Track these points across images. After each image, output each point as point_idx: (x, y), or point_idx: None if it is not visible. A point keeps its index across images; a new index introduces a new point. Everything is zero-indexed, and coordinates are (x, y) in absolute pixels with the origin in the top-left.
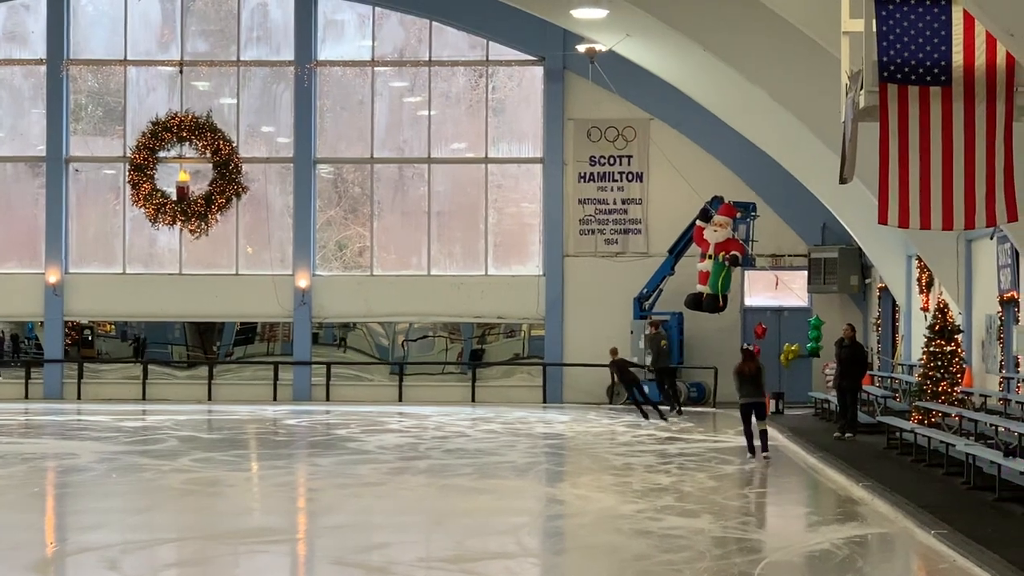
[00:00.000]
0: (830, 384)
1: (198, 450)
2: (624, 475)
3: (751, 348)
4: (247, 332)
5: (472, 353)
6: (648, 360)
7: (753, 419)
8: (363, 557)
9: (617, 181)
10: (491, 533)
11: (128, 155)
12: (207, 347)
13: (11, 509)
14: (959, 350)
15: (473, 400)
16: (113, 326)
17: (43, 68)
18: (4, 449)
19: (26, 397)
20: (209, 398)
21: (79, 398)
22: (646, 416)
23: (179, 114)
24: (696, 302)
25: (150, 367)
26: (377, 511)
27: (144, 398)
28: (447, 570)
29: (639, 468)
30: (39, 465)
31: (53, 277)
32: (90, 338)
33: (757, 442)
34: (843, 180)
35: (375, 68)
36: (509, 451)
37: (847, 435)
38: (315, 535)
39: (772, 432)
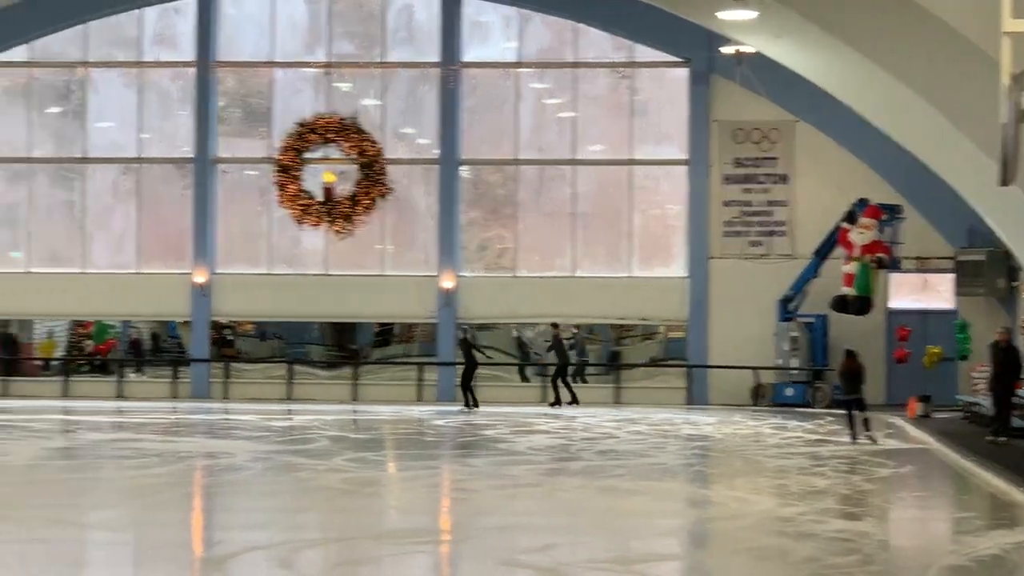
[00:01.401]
0: (978, 387)
1: (350, 450)
2: (778, 477)
3: (853, 350)
4: (385, 333)
5: (611, 355)
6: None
7: (855, 411)
8: (531, 558)
9: (762, 183)
10: (654, 535)
11: (273, 156)
12: (345, 347)
13: (172, 507)
14: None
15: (616, 402)
16: (253, 325)
17: (191, 71)
18: (160, 448)
19: (173, 396)
20: (354, 398)
21: (225, 397)
22: None
23: (325, 115)
24: (841, 304)
25: (292, 367)
26: (537, 512)
27: (289, 398)
28: (616, 571)
29: (792, 470)
30: (195, 464)
31: (200, 277)
32: (230, 338)
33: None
34: (1004, 183)
35: (519, 70)
36: (659, 453)
37: (1000, 439)
38: (478, 535)
39: (921, 435)
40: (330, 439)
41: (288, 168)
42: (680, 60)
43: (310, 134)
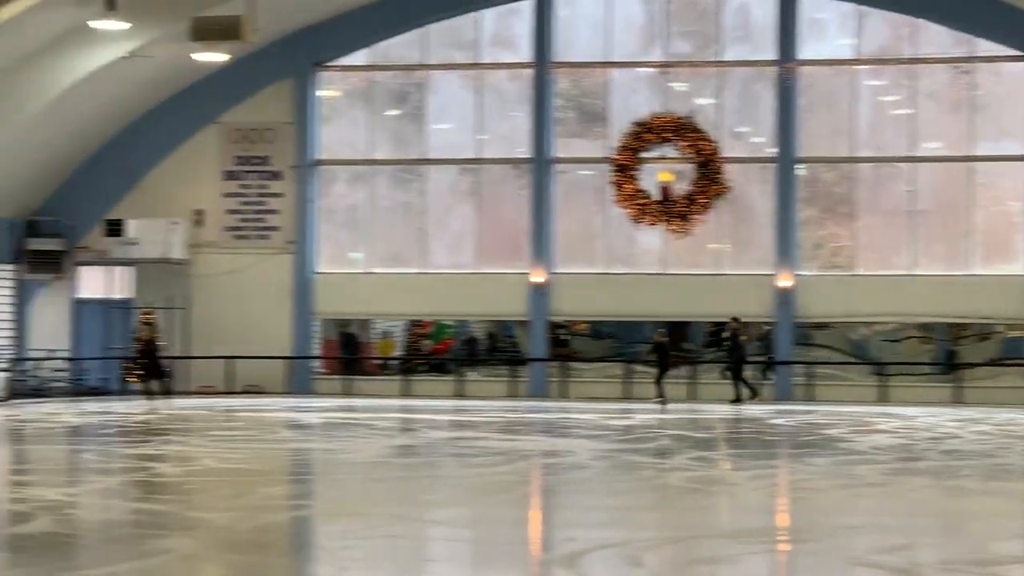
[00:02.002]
0: None
1: (692, 448)
2: None
3: None
4: (717, 333)
5: (947, 354)
6: None
7: None
8: (882, 558)
9: None
10: (1012, 537)
11: (610, 156)
12: (678, 347)
13: (517, 505)
14: None
15: (955, 401)
16: (587, 325)
17: (528, 72)
18: (501, 446)
19: (511, 395)
20: (690, 398)
21: (562, 396)
22: None
23: (661, 115)
24: None
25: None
26: (885, 512)
27: (627, 397)
28: (975, 574)
29: None
30: (537, 462)
31: (538, 277)
32: (564, 337)
33: None
34: None
35: (857, 67)
36: (1007, 453)
37: None
38: (826, 535)
39: None
40: (671, 438)
41: (625, 168)
42: (1022, 54)
43: (647, 133)
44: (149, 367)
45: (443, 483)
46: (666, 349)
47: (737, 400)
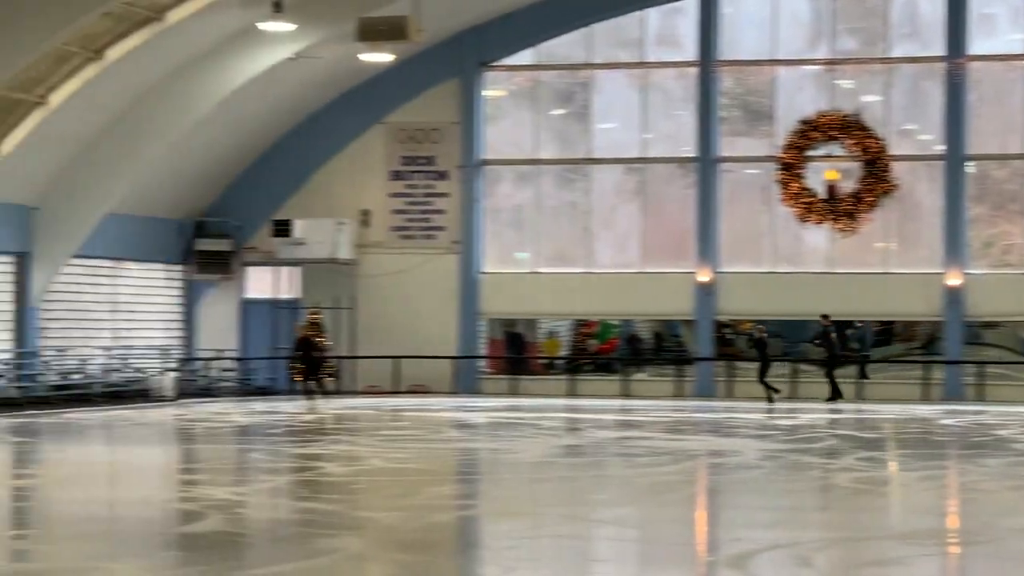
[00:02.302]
0: None
1: (860, 449)
2: None
3: None
4: (885, 332)
5: None
6: None
7: None
8: None
9: None
10: None
11: (776, 155)
12: (845, 345)
13: (685, 505)
14: None
15: None
16: (752, 324)
17: (693, 70)
18: (667, 446)
19: (677, 395)
20: (859, 397)
21: (728, 396)
22: None
23: (827, 113)
24: None
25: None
26: None
27: (796, 396)
28: None
29: None
30: (704, 462)
31: (704, 276)
32: (729, 337)
33: None
34: None
35: None
36: None
37: None
38: (997, 537)
39: None
40: (838, 438)
41: (791, 166)
42: None
43: (813, 132)
44: (309, 366)
45: (609, 483)
46: (765, 344)
47: (833, 398)
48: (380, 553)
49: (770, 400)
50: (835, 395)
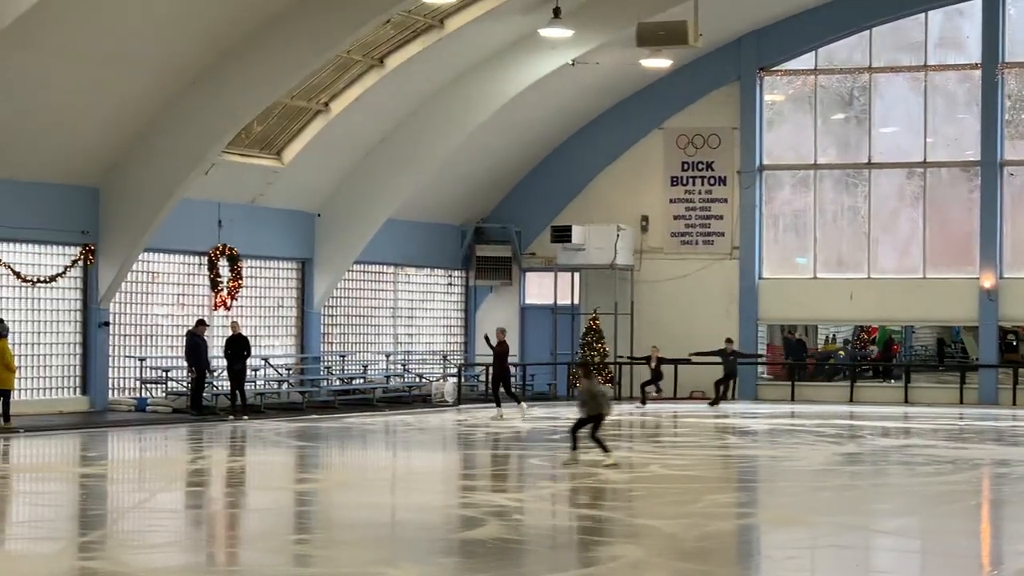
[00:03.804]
0: None
1: None
2: None
3: None
4: None
5: None
6: None
7: None
8: None
9: None
10: None
11: None
12: None
13: (967, 516)
14: None
15: None
16: None
17: (976, 73)
18: (951, 454)
19: (959, 402)
20: None
21: (1013, 404)
22: None
23: None
24: None
25: None
26: None
27: None
28: None
29: None
30: (988, 472)
31: (988, 282)
32: (1014, 343)
33: None
34: None
35: None
36: None
37: None
38: None
39: None
40: None
41: None
42: None
43: None
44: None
45: (891, 492)
46: (731, 356)
47: None
48: (660, 561)
49: (714, 403)
50: None
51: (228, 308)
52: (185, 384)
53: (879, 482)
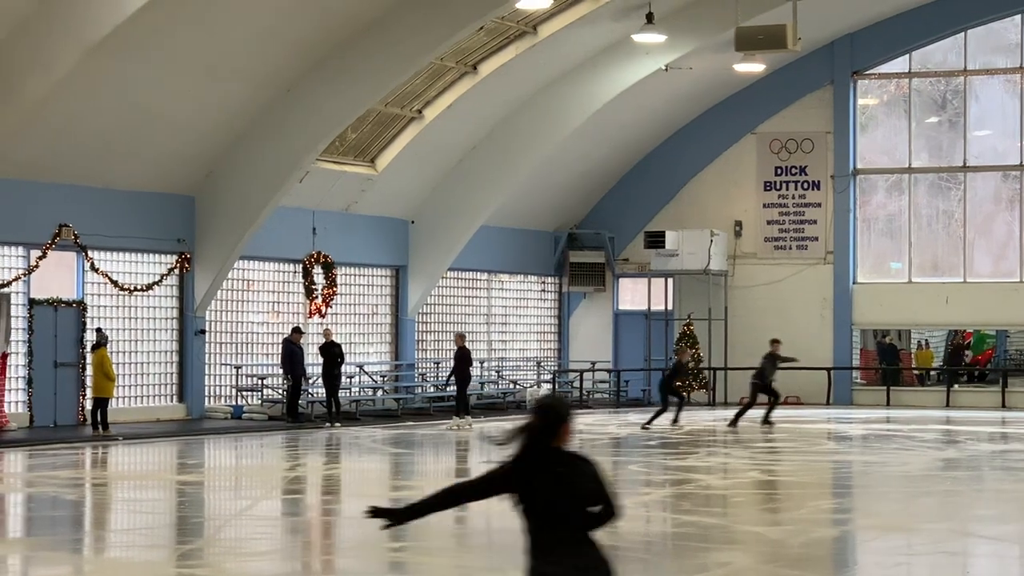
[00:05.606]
0: None
1: None
2: None
3: None
4: None
5: None
6: None
7: None
8: None
9: None
10: None
11: None
12: None
13: None
14: None
15: None
16: None
17: None
18: None
19: None
20: None
21: None
22: None
23: None
24: None
25: None
26: None
27: None
28: None
29: None
30: None
31: None
32: None
33: None
34: None
35: None
36: None
37: None
38: None
39: None
40: None
41: None
42: None
43: None
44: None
45: (991, 498)
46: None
47: None
48: (766, 568)
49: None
50: None
51: (323, 315)
52: (281, 392)
53: (979, 487)
